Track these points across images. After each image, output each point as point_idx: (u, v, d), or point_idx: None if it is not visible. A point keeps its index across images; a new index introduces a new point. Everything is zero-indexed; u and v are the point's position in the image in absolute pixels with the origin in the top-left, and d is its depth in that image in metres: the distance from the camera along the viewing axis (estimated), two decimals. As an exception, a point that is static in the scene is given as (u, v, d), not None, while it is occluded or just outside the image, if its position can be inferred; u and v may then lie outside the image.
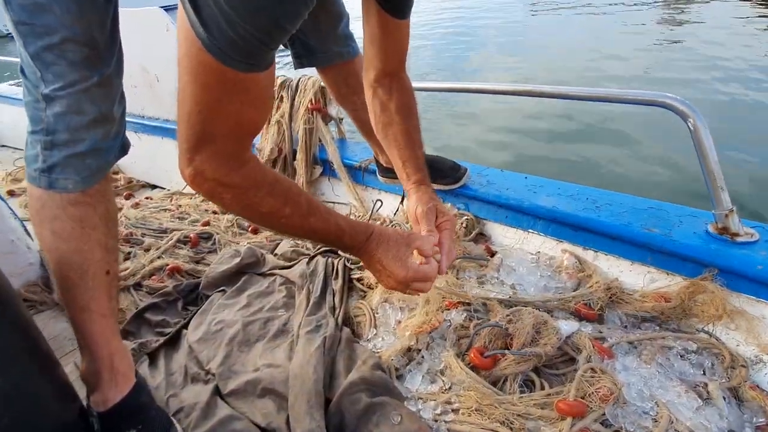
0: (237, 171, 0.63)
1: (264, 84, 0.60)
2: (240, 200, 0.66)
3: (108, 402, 0.81)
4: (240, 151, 0.64)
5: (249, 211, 0.69)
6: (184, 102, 0.58)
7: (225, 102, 0.58)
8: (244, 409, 0.91)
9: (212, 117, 0.58)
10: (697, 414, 0.76)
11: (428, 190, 0.98)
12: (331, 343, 0.98)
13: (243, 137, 0.63)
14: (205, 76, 0.55)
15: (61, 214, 0.76)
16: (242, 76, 0.56)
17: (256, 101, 0.61)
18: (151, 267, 1.40)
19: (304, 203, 0.71)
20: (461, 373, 0.87)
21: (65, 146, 0.74)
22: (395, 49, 0.95)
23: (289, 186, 0.70)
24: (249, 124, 0.63)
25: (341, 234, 0.76)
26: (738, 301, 0.92)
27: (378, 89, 1.00)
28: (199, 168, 0.61)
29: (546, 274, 1.14)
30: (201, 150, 0.60)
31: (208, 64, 0.54)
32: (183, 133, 0.60)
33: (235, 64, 0.54)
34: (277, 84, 1.85)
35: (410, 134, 0.99)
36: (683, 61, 5.35)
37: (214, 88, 0.56)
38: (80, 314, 0.80)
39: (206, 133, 0.59)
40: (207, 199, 0.67)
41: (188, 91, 0.57)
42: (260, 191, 0.66)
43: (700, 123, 0.91)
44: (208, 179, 0.62)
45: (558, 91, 1.12)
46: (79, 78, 0.72)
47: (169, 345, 1.15)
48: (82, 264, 0.77)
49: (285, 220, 0.70)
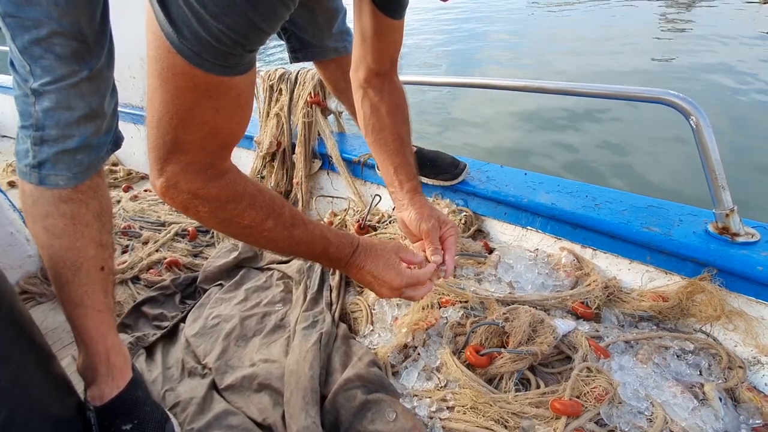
0: (214, 182, 0.59)
1: (242, 89, 0.56)
2: (218, 214, 0.61)
3: (104, 397, 0.82)
4: (217, 162, 0.59)
5: (228, 225, 0.64)
6: (154, 108, 0.53)
7: (198, 109, 0.53)
8: (240, 404, 0.92)
9: (184, 125, 0.54)
10: (692, 415, 0.76)
11: (424, 200, 0.96)
12: (328, 339, 0.98)
13: (220, 147, 0.59)
14: (175, 80, 0.51)
15: (53, 211, 0.75)
16: (217, 80, 0.52)
17: (232, 108, 0.56)
18: (149, 260, 1.41)
19: (287, 215, 0.67)
20: (457, 371, 0.87)
21: (55, 142, 0.73)
22: (388, 50, 0.92)
23: (271, 197, 0.66)
24: (226, 133, 0.58)
25: (327, 245, 0.73)
26: (737, 302, 0.92)
27: (368, 90, 0.96)
28: (172, 180, 0.57)
29: (544, 272, 1.13)
30: (172, 160, 0.56)
31: (178, 67, 0.50)
32: (153, 142, 0.55)
33: (209, 67, 0.50)
34: (276, 76, 1.84)
35: (402, 139, 0.96)
36: (686, 57, 5.29)
37: (185, 94, 0.52)
38: (75, 310, 0.80)
39: (178, 142, 0.55)
40: (182, 213, 0.61)
41: (158, 96, 0.53)
42: (241, 203, 0.62)
43: (703, 121, 0.90)
44: (182, 191, 0.58)
45: (560, 87, 1.11)
46: (67, 72, 0.70)
47: (166, 339, 1.15)
48: (76, 261, 0.77)
49: (268, 234, 0.66)
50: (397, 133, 0.95)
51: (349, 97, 1.41)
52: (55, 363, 0.79)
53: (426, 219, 0.91)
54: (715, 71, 4.67)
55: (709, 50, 5.48)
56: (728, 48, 5.55)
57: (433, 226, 0.90)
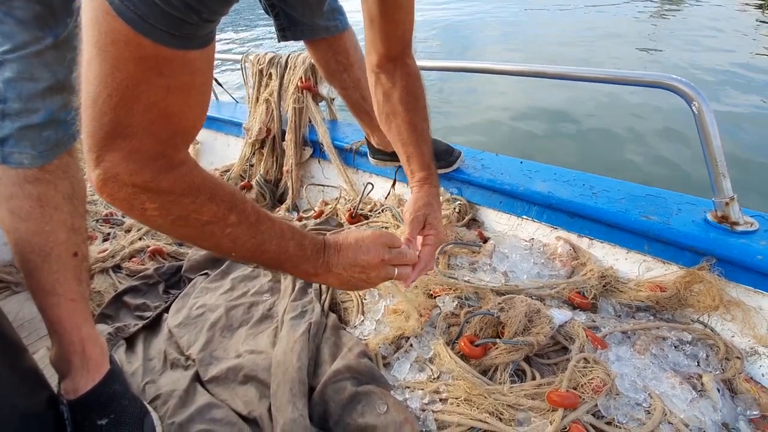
0: (166, 174, 0.50)
1: (197, 66, 0.48)
2: (172, 210, 0.52)
3: (78, 390, 0.77)
4: (170, 150, 0.51)
5: (185, 224, 0.54)
6: (89, 83, 0.45)
7: (144, 85, 0.45)
8: (225, 397, 0.88)
9: (126, 104, 0.45)
10: (690, 406, 0.74)
11: (428, 191, 0.91)
12: (317, 329, 0.95)
13: (173, 135, 0.50)
14: (116, 49, 0.43)
15: (17, 192, 0.69)
16: (168, 53, 0.44)
17: (186, 88, 0.48)
18: (132, 248, 1.35)
19: (251, 210, 0.59)
20: (450, 362, 0.84)
21: (18, 117, 0.67)
22: (397, 31, 0.87)
23: (232, 191, 0.58)
24: (179, 117, 0.49)
25: (301, 238, 0.65)
26: (735, 292, 0.90)
27: (381, 75, 0.92)
28: (111, 171, 0.47)
29: (539, 262, 1.11)
30: (112, 147, 0.46)
31: (119, 33, 0.42)
32: (87, 126, 0.46)
33: (158, 35, 0.43)
34: (266, 60, 1.78)
35: (415, 127, 0.92)
36: (685, 45, 5.30)
37: (128, 66, 0.43)
38: (46, 299, 0.75)
39: (120, 125, 0.46)
40: (124, 212, 0.52)
41: (94, 69, 0.44)
42: (199, 197, 0.53)
43: (705, 106, 0.87)
44: (125, 185, 0.48)
45: (559, 72, 1.08)
46: (30, 39, 0.64)
47: (148, 330, 1.11)
48: (44, 246, 0.71)
49: (231, 230, 0.57)
50: (409, 121, 0.91)
51: (341, 80, 1.36)
52: (24, 355, 0.75)
53: (414, 211, 0.88)
54: (712, 62, 4.68)
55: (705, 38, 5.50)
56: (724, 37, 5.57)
57: (416, 219, 0.87)
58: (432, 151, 0.95)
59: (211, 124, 2.11)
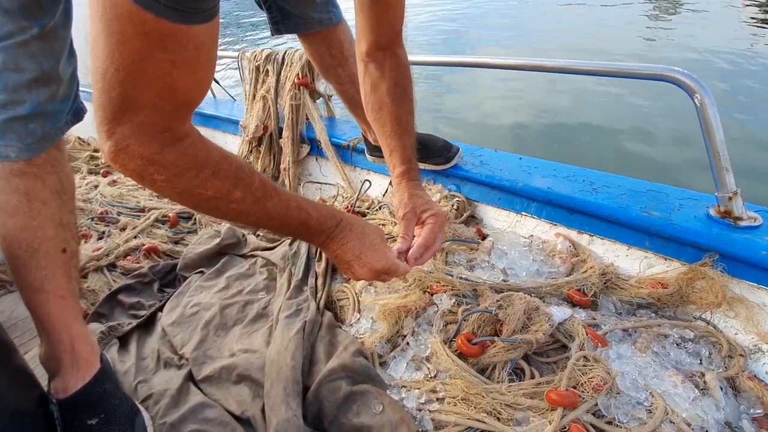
0: (171, 147, 0.52)
1: (201, 41, 0.49)
2: (177, 183, 0.54)
3: (68, 389, 0.76)
4: (174, 124, 0.52)
5: (190, 197, 0.57)
6: (97, 58, 0.46)
7: (149, 60, 0.46)
8: (218, 396, 0.86)
9: (133, 79, 0.46)
10: (693, 405, 0.73)
11: (408, 185, 0.91)
12: (311, 328, 0.93)
13: (177, 108, 0.52)
14: (121, 24, 0.43)
15: (4, 186, 0.68)
16: (171, 27, 0.45)
17: (191, 63, 0.49)
18: (126, 247, 1.34)
19: (258, 185, 0.61)
20: (447, 361, 0.82)
21: (3, 108, 0.66)
22: (388, 18, 0.85)
23: (239, 165, 0.59)
24: (184, 92, 0.51)
25: (306, 218, 0.67)
26: (738, 288, 0.88)
27: (369, 65, 0.90)
28: (122, 143, 0.49)
29: (539, 259, 1.09)
30: (122, 120, 0.48)
31: (124, 9, 0.43)
32: (98, 99, 0.48)
33: (161, 10, 0.43)
34: (263, 57, 1.77)
35: (400, 120, 0.91)
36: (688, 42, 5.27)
37: (133, 41, 0.44)
38: (35, 296, 0.73)
39: (128, 100, 0.48)
40: (136, 181, 0.54)
41: (101, 44, 0.45)
42: (202, 172, 0.55)
43: (708, 99, 0.86)
44: (135, 157, 0.50)
45: (559, 65, 1.06)
46: (15, 29, 0.63)
47: (142, 329, 1.09)
48: (32, 241, 0.70)
49: (236, 206, 0.59)
50: (395, 113, 0.90)
51: (336, 75, 1.35)
52: (13, 354, 0.73)
53: (404, 206, 0.87)
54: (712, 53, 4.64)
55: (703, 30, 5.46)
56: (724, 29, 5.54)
57: (409, 213, 0.86)
58: (414, 145, 0.94)
59: (208, 121, 2.10)
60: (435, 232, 0.85)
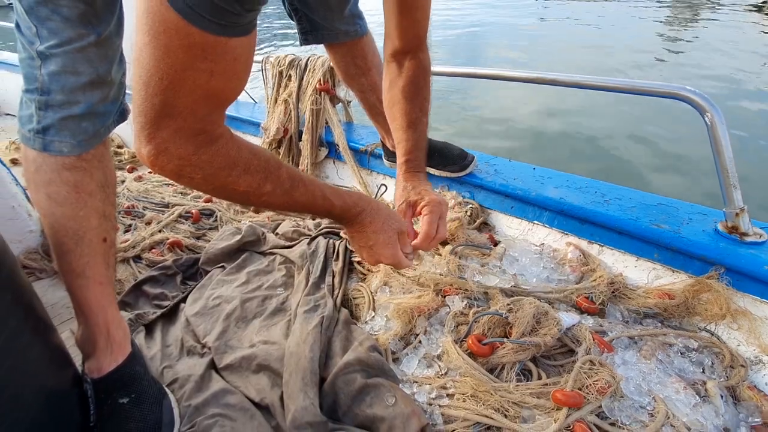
0: (206, 148, 0.56)
1: (239, 53, 0.53)
2: (212, 181, 0.59)
3: (102, 369, 0.81)
4: (209, 127, 0.56)
5: (224, 191, 0.62)
6: (142, 67, 0.50)
7: (191, 70, 0.50)
8: (239, 384, 0.91)
9: (175, 87, 0.50)
10: (693, 411, 0.76)
11: (405, 177, 0.96)
12: (329, 323, 0.98)
13: (212, 111, 0.56)
14: (167, 37, 0.47)
15: (55, 178, 0.73)
16: (213, 39, 0.49)
17: (228, 72, 0.53)
18: (152, 240, 1.40)
19: (285, 177, 0.66)
20: (458, 359, 0.86)
21: (60, 107, 0.71)
22: (412, 27, 0.92)
23: (267, 159, 0.64)
24: (219, 97, 0.55)
25: (330, 207, 0.74)
26: (742, 301, 0.91)
27: (391, 64, 0.97)
28: (162, 146, 0.53)
29: (549, 266, 1.13)
30: (163, 125, 0.52)
31: (171, 23, 0.46)
32: (140, 106, 0.52)
33: (205, 24, 0.47)
34: (286, 62, 1.83)
35: (408, 114, 0.96)
36: (701, 57, 5.26)
37: (177, 53, 0.48)
38: (76, 280, 0.79)
39: (168, 106, 0.51)
40: (174, 180, 0.59)
41: (147, 54, 0.49)
42: (235, 169, 0.60)
43: (718, 118, 0.89)
44: (174, 158, 0.55)
45: (573, 80, 1.10)
46: (74, 36, 0.69)
47: (166, 318, 1.15)
48: (78, 230, 0.75)
49: (267, 198, 0.65)
50: (404, 108, 0.95)
51: (359, 84, 1.40)
52: (53, 334, 0.78)
53: (397, 199, 0.93)
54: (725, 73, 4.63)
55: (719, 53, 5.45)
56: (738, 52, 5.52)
57: (403, 205, 0.92)
58: (419, 140, 0.98)
59: (230, 123, 2.17)
60: (432, 223, 0.89)
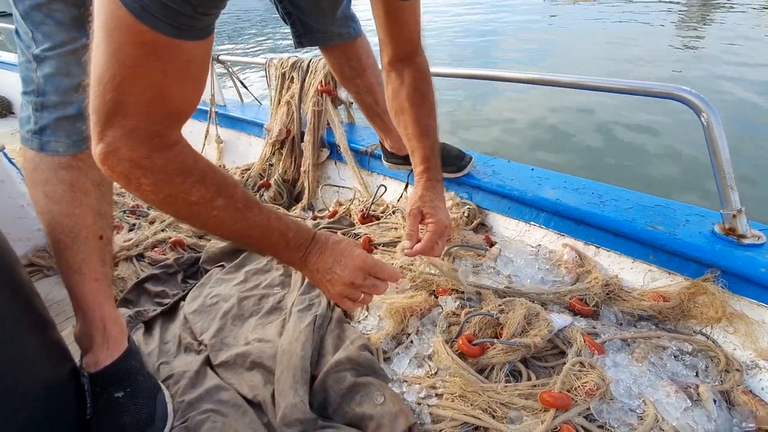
0: (160, 153, 0.54)
1: (193, 55, 0.52)
2: (163, 188, 0.56)
3: (99, 364, 0.83)
4: (164, 131, 0.55)
5: (174, 202, 0.58)
6: (96, 65, 0.50)
7: (143, 68, 0.49)
8: (232, 381, 0.92)
9: (127, 84, 0.49)
10: (684, 415, 0.75)
11: (424, 185, 0.96)
12: (321, 321, 0.99)
13: (167, 116, 0.54)
14: (119, 34, 0.47)
15: (52, 177, 0.76)
16: (165, 40, 0.48)
17: (182, 74, 0.52)
18: (154, 239, 1.43)
19: (240, 197, 0.63)
20: (448, 359, 0.86)
21: (55, 108, 0.74)
22: (403, 33, 0.93)
23: (224, 176, 0.62)
24: (174, 101, 0.54)
25: (285, 230, 0.68)
26: (739, 305, 0.90)
27: (391, 73, 0.98)
28: (112, 146, 0.52)
29: (544, 268, 1.12)
30: (114, 124, 0.51)
31: (123, 21, 0.46)
32: (93, 102, 0.51)
33: (157, 24, 0.47)
34: (289, 64, 1.85)
35: (419, 122, 0.96)
36: (705, 60, 5.17)
37: (129, 50, 0.48)
38: (73, 277, 0.81)
39: (120, 104, 0.50)
40: (122, 185, 0.56)
41: (101, 51, 0.49)
42: (189, 178, 0.57)
43: (714, 118, 0.88)
44: (123, 159, 0.53)
45: (570, 80, 1.09)
46: (67, 39, 0.71)
47: (166, 315, 1.17)
48: (74, 228, 0.78)
49: (218, 213, 0.60)
50: (414, 116, 0.96)
51: (354, 85, 1.41)
52: (52, 330, 0.81)
53: (411, 203, 0.93)
54: (734, 72, 4.55)
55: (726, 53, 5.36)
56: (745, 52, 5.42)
57: (415, 211, 0.93)
58: (434, 145, 0.99)
59: (235, 124, 2.20)
60: (432, 241, 0.89)
